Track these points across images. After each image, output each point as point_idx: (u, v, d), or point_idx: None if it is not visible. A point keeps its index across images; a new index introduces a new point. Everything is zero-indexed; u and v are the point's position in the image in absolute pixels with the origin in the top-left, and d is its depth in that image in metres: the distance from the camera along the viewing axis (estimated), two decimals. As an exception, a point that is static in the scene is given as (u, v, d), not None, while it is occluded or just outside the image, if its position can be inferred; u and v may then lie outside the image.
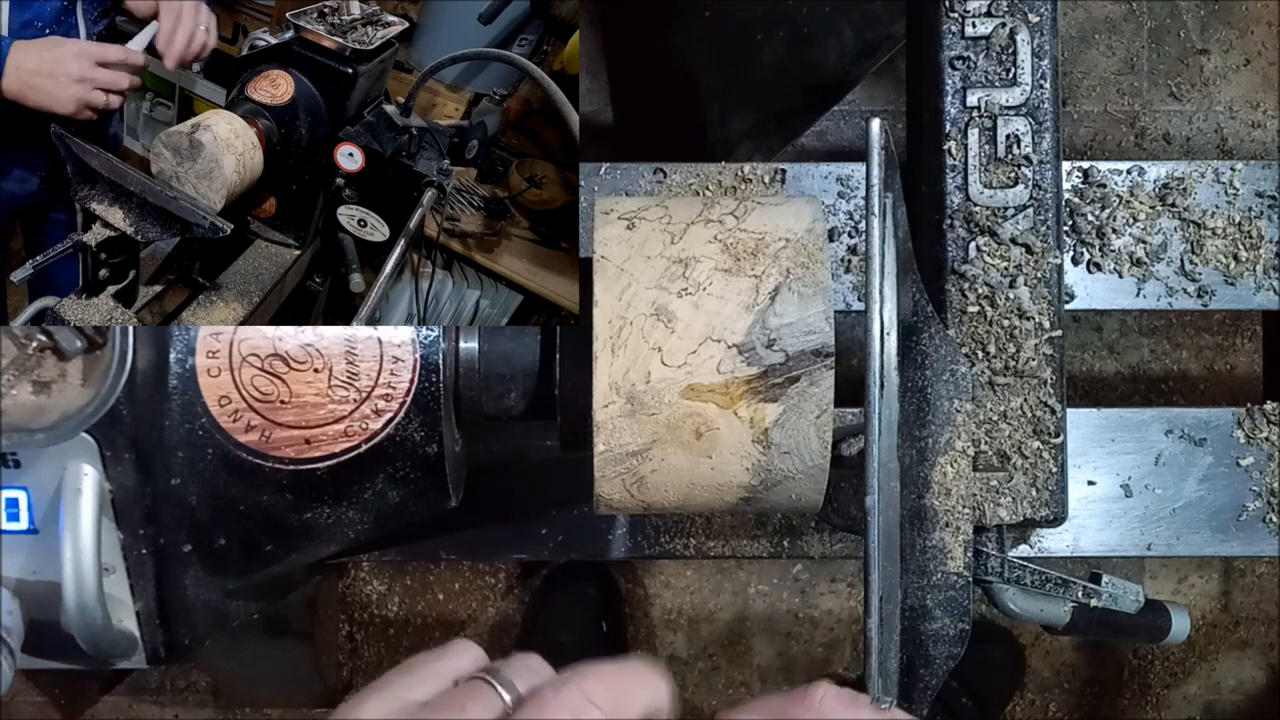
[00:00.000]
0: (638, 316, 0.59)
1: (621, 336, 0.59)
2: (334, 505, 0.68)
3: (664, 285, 0.60)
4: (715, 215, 0.63)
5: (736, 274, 0.60)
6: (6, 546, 0.66)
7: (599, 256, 0.61)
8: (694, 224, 0.62)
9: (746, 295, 0.60)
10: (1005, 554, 0.73)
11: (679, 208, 0.64)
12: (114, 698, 1.52)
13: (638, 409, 0.59)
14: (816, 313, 0.60)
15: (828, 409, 0.61)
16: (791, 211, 0.63)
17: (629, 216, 0.63)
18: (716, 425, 0.60)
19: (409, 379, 0.65)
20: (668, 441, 0.60)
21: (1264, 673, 1.59)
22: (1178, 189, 0.84)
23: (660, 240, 0.61)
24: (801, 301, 0.60)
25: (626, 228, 0.62)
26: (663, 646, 1.55)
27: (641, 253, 0.61)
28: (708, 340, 0.59)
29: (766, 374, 0.60)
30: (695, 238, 0.61)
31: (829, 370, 0.60)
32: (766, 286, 0.60)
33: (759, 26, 1.16)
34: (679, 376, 0.59)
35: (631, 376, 0.59)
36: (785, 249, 0.61)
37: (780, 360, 0.60)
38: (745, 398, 0.60)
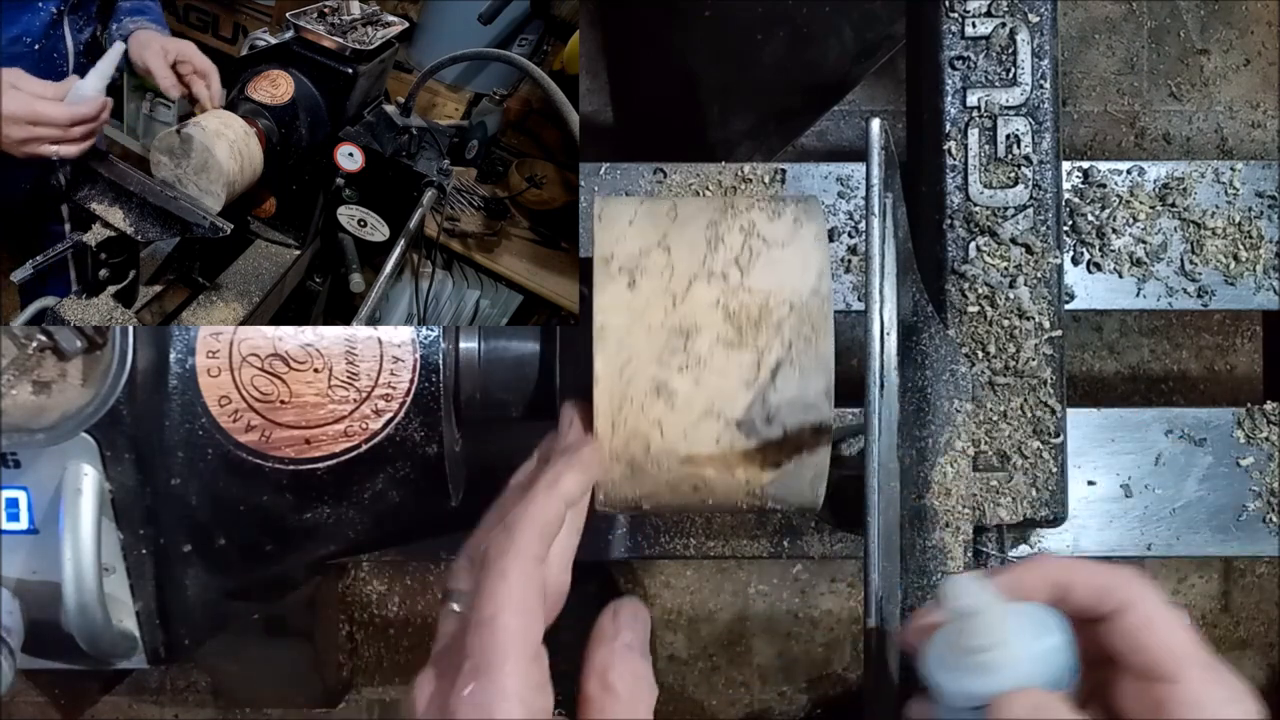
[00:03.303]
0: (638, 393, 0.59)
1: (622, 413, 0.60)
2: (334, 505, 0.68)
3: (665, 360, 0.59)
4: (719, 265, 0.60)
5: (739, 347, 0.60)
6: (6, 546, 0.66)
7: (599, 324, 0.59)
8: (697, 279, 0.60)
9: (748, 371, 0.60)
10: (1005, 554, 0.73)
11: (681, 246, 0.61)
12: (114, 698, 1.52)
13: (637, 472, 0.61)
14: (817, 390, 0.60)
15: (822, 474, 0.62)
16: (799, 259, 0.61)
17: (630, 268, 0.60)
18: (714, 484, 0.62)
19: (409, 379, 0.65)
20: (666, 493, 0.62)
21: (1264, 673, 1.58)
22: (1178, 189, 0.84)
23: (661, 304, 0.59)
24: (803, 378, 0.60)
25: (627, 286, 0.60)
26: (663, 646, 1.55)
27: (642, 321, 0.59)
28: (707, 415, 0.60)
29: (764, 447, 0.60)
30: (697, 299, 0.60)
31: (826, 444, 0.61)
32: (768, 362, 0.60)
33: (759, 26, 1.16)
34: (678, 448, 0.60)
35: (632, 448, 0.60)
36: (790, 316, 0.60)
37: (778, 435, 0.60)
38: (742, 464, 0.61)
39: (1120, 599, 0.51)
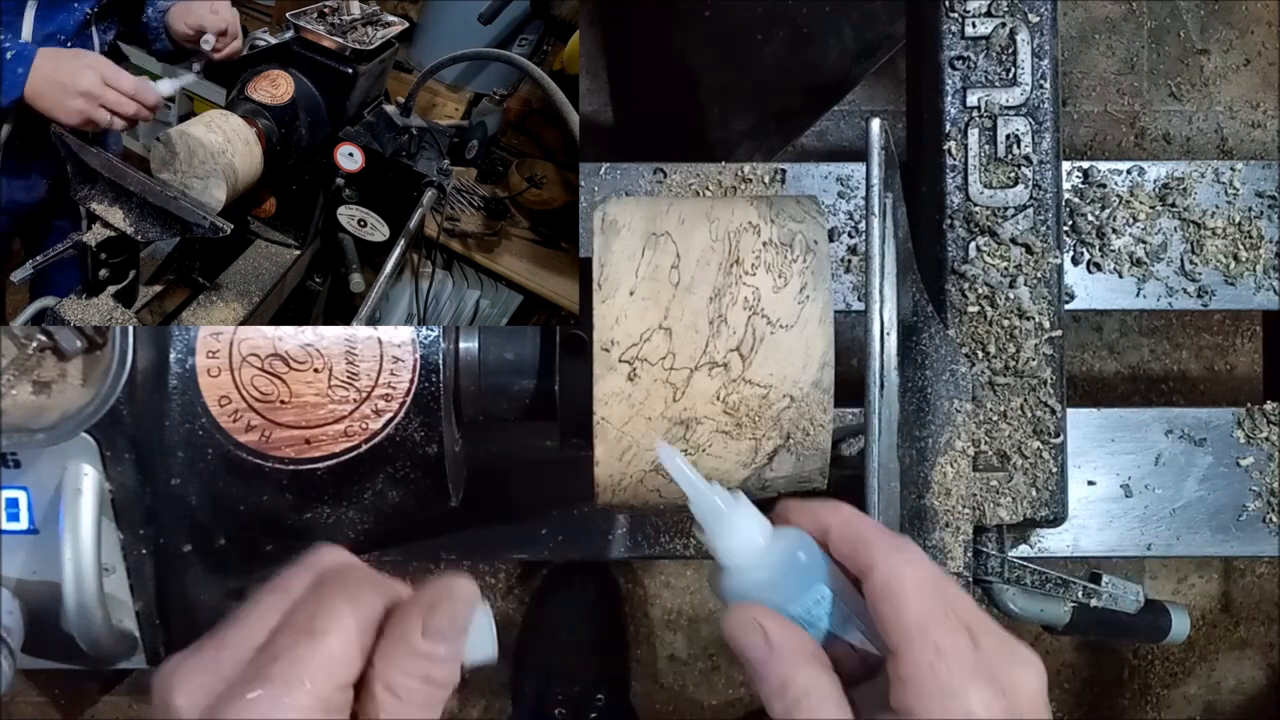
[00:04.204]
0: (636, 471, 0.61)
1: (622, 485, 0.61)
2: (334, 505, 0.68)
3: None
4: (721, 353, 0.59)
5: (737, 438, 0.60)
6: (6, 546, 0.66)
7: (599, 418, 0.59)
8: (698, 370, 0.59)
9: (745, 455, 0.61)
10: (1005, 554, 0.73)
11: (683, 328, 0.59)
12: (114, 698, 1.52)
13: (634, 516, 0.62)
14: (813, 469, 0.62)
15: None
16: (802, 347, 0.60)
17: (630, 359, 0.59)
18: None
19: (409, 379, 0.65)
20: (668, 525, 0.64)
21: (1264, 673, 1.58)
22: (1178, 189, 0.84)
23: (661, 397, 0.59)
24: (799, 461, 0.61)
25: (628, 378, 0.59)
26: (663, 646, 1.55)
27: (642, 414, 0.59)
28: None
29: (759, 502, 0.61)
30: (698, 393, 0.59)
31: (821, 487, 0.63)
32: (765, 449, 0.61)
33: (759, 26, 1.16)
34: (676, 503, 0.61)
35: (630, 505, 0.63)
36: (789, 409, 0.60)
37: (773, 495, 0.62)
38: None
39: (867, 560, 0.48)
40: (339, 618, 0.45)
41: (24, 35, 0.77)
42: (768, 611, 0.49)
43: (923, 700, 0.45)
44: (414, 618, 0.45)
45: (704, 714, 1.55)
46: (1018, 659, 0.47)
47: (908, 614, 0.46)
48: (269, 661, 0.44)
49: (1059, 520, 0.74)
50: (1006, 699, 0.45)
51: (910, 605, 0.46)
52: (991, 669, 0.46)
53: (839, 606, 0.49)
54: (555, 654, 1.43)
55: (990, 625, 0.48)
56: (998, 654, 0.46)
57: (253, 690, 0.43)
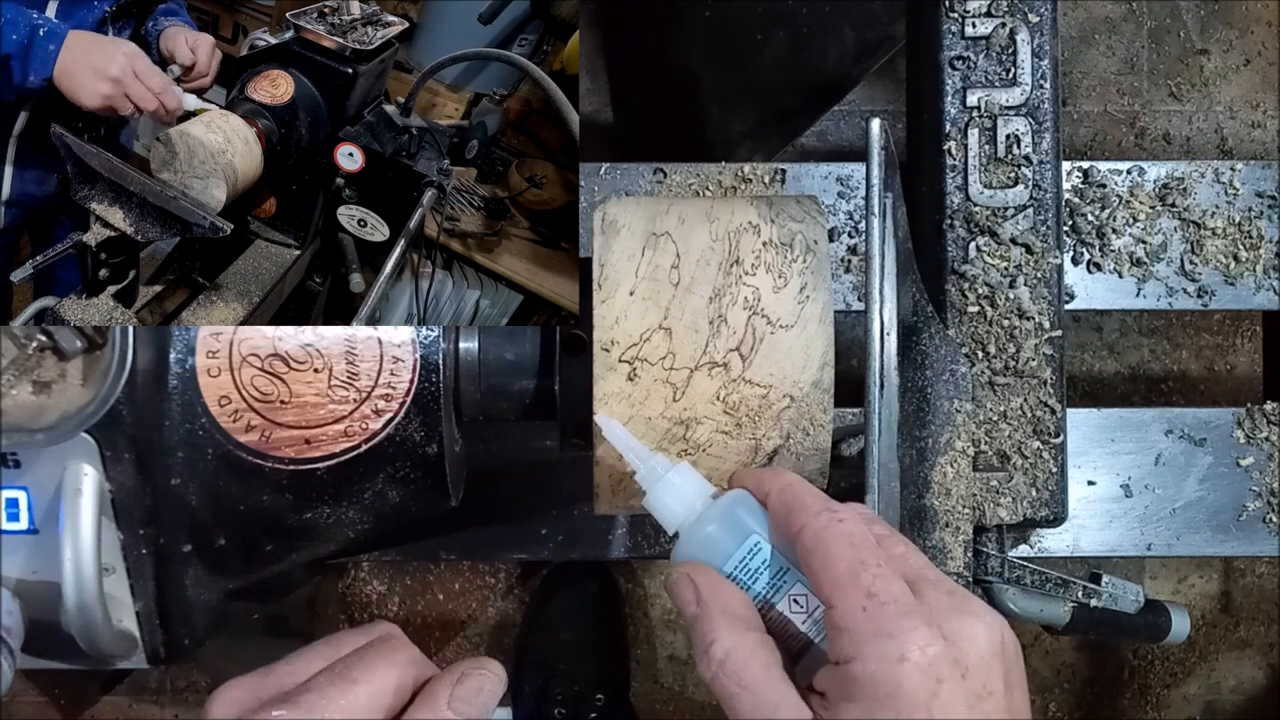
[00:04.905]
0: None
1: (621, 484, 0.62)
2: (334, 505, 0.68)
3: (664, 447, 0.60)
4: (721, 352, 0.59)
5: (737, 438, 0.60)
6: (6, 546, 0.66)
7: (599, 417, 0.60)
8: (698, 370, 0.59)
9: (745, 455, 0.61)
10: (1005, 554, 0.73)
11: (683, 328, 0.59)
12: (114, 698, 1.52)
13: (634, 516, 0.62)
14: (813, 469, 0.62)
15: None
16: (802, 347, 0.60)
17: (630, 359, 0.59)
18: None
19: (409, 379, 0.65)
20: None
21: (1264, 673, 1.58)
22: (1178, 189, 0.84)
23: (661, 397, 0.59)
24: (799, 461, 0.61)
25: (628, 378, 0.59)
26: (663, 646, 1.55)
27: (642, 414, 0.60)
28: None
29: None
30: (698, 392, 0.59)
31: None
32: (765, 449, 0.61)
33: (759, 26, 1.16)
34: None
35: (631, 504, 0.63)
36: (789, 409, 0.60)
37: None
38: None
39: (799, 521, 0.48)
40: (375, 672, 0.49)
41: (46, 27, 0.78)
42: (702, 568, 0.50)
43: (857, 644, 0.44)
44: (444, 685, 0.49)
45: (704, 714, 1.55)
46: (967, 611, 0.46)
47: (837, 564, 0.46)
48: (301, 692, 0.48)
49: (1059, 520, 0.74)
50: (948, 644, 0.44)
51: (839, 555, 0.47)
52: (933, 615, 0.45)
53: (777, 559, 0.50)
54: (555, 654, 1.43)
55: (943, 581, 0.47)
56: (943, 604, 0.46)
57: (279, 709, 0.47)
